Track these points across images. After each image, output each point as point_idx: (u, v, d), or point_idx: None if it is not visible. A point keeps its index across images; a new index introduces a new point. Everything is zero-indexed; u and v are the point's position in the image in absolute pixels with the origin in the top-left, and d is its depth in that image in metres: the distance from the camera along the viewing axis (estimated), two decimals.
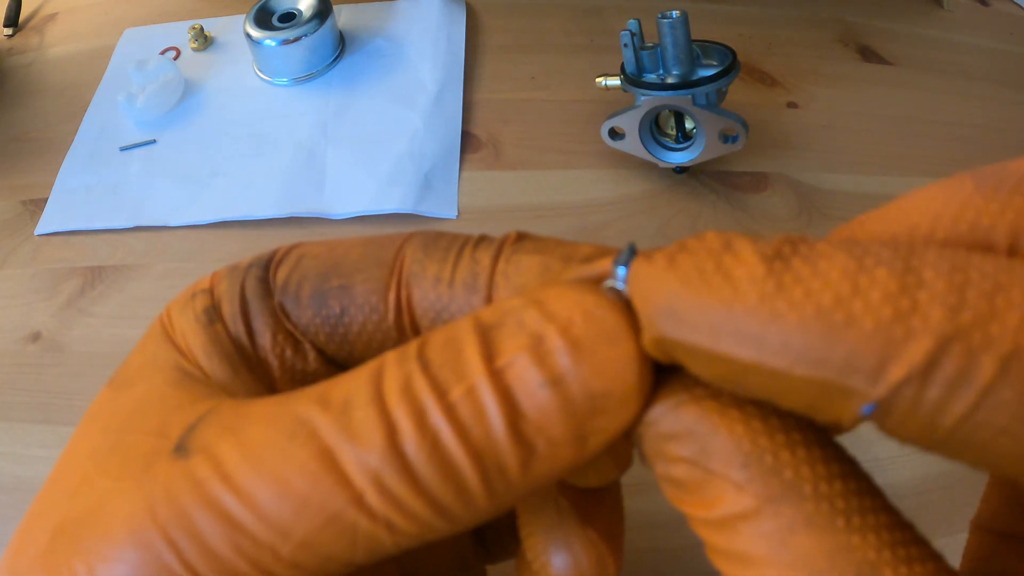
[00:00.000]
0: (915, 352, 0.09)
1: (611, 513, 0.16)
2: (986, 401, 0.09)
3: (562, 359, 0.12)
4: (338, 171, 0.44)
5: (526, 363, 0.12)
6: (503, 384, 0.12)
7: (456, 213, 0.42)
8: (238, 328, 0.16)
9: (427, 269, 0.15)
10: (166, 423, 0.14)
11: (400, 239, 0.16)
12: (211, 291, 0.17)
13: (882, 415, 0.10)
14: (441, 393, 0.12)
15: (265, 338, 0.16)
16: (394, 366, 0.12)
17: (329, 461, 0.12)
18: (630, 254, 0.12)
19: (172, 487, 0.13)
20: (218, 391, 0.15)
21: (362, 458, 0.12)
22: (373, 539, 0.12)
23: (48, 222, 0.43)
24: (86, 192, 0.44)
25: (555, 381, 0.12)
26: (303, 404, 0.13)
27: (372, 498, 0.12)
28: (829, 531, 0.11)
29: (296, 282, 0.16)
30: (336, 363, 0.17)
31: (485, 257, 0.15)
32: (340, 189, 0.43)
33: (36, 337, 0.39)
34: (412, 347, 0.13)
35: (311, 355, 0.16)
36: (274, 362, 0.16)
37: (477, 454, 0.12)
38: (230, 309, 0.16)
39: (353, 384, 0.13)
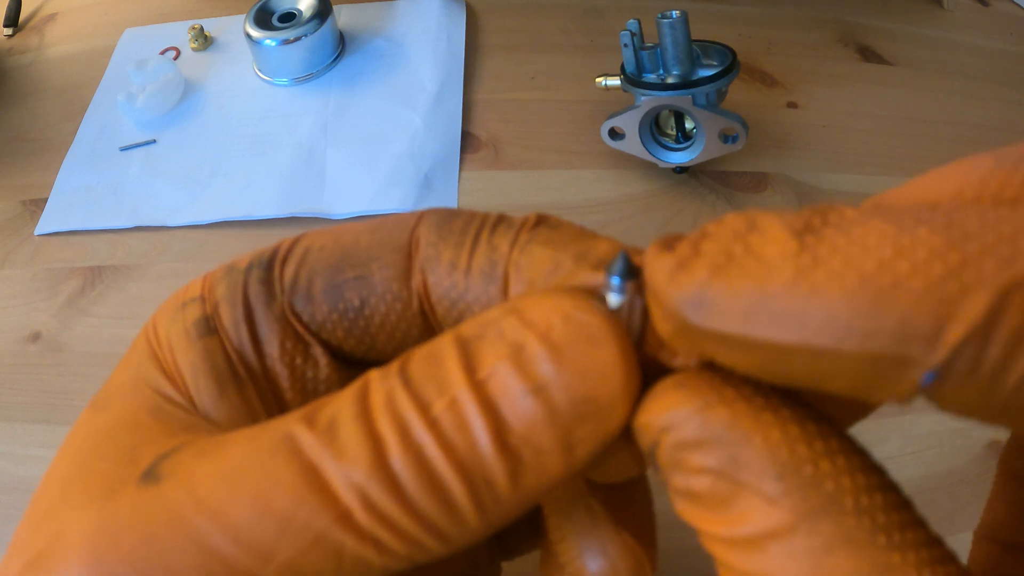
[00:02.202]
0: (973, 308, 0.09)
1: (642, 512, 0.15)
2: None
3: (543, 366, 0.11)
4: (338, 171, 0.44)
5: (507, 372, 0.11)
6: (486, 395, 0.11)
7: None
8: (241, 337, 0.15)
9: (442, 254, 0.14)
10: (137, 451, 0.13)
11: (412, 219, 0.15)
12: (204, 298, 0.15)
13: (939, 383, 0.09)
14: (423, 407, 0.11)
15: (273, 346, 0.15)
16: (378, 383, 0.12)
17: (314, 478, 0.11)
18: (623, 263, 0.12)
19: (139, 513, 0.12)
20: (198, 422, 0.14)
21: (348, 474, 0.11)
22: (360, 561, 0.11)
23: (48, 222, 0.43)
24: (86, 192, 0.44)
25: (538, 389, 0.11)
26: (286, 424, 0.12)
27: (359, 516, 0.11)
28: (869, 549, 0.10)
29: (306, 278, 0.15)
30: (353, 361, 0.16)
31: (503, 243, 0.14)
32: (340, 189, 0.43)
33: (36, 337, 0.39)
34: (395, 364, 0.12)
35: (322, 361, 0.15)
36: (283, 372, 0.15)
37: (463, 467, 0.11)
38: (231, 316, 0.15)
39: (339, 402, 0.12)
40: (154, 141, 0.46)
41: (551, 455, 0.11)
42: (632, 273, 0.12)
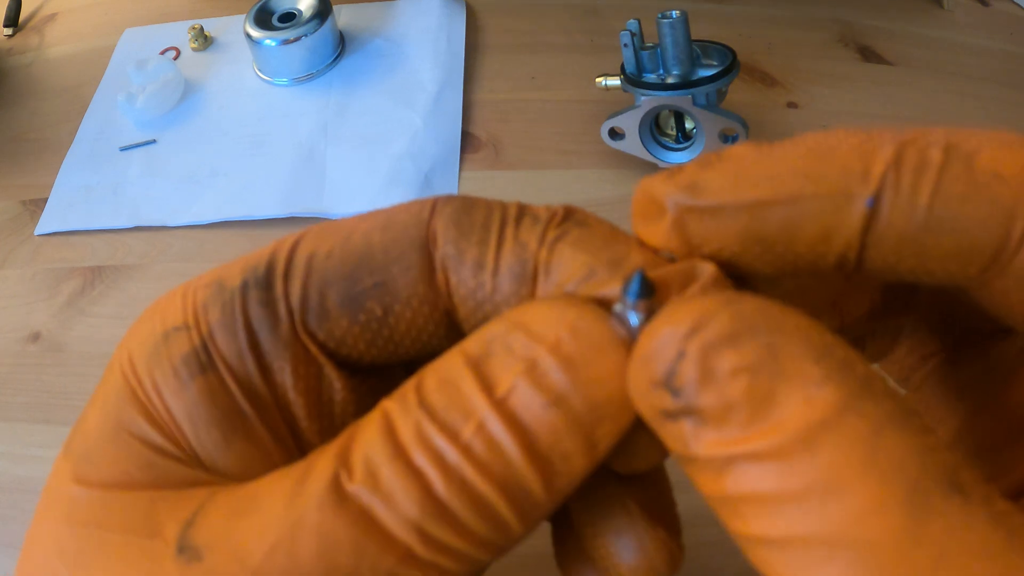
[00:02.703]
0: (885, 153, 0.12)
1: (669, 507, 0.16)
2: (944, 176, 0.12)
3: (559, 378, 0.12)
4: (338, 171, 0.44)
5: (526, 388, 0.12)
6: (509, 413, 0.12)
7: None
8: (247, 369, 0.14)
9: (465, 253, 0.14)
10: (152, 519, 0.12)
11: (425, 211, 0.14)
12: (191, 326, 0.14)
13: (876, 211, 0.12)
14: (454, 435, 0.12)
15: (285, 374, 0.14)
16: (401, 417, 0.12)
17: (370, 524, 0.11)
18: (639, 282, 0.12)
19: None
20: (198, 475, 0.13)
21: (401, 514, 0.11)
22: None
23: (48, 222, 0.43)
24: (86, 192, 0.44)
25: (557, 400, 0.12)
26: (321, 472, 0.12)
27: (419, 550, 0.12)
28: (912, 431, 0.10)
29: (317, 292, 0.14)
30: (364, 368, 0.15)
31: (531, 239, 0.14)
32: (340, 189, 0.43)
33: (36, 337, 0.39)
34: (410, 395, 0.12)
35: (337, 384, 0.15)
36: (299, 400, 0.14)
37: (503, 485, 0.12)
38: (234, 347, 0.14)
39: (368, 442, 0.12)
40: (154, 141, 0.46)
41: (577, 457, 0.12)
42: (648, 292, 0.12)
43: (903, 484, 0.09)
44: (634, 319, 0.12)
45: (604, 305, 0.13)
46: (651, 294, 0.12)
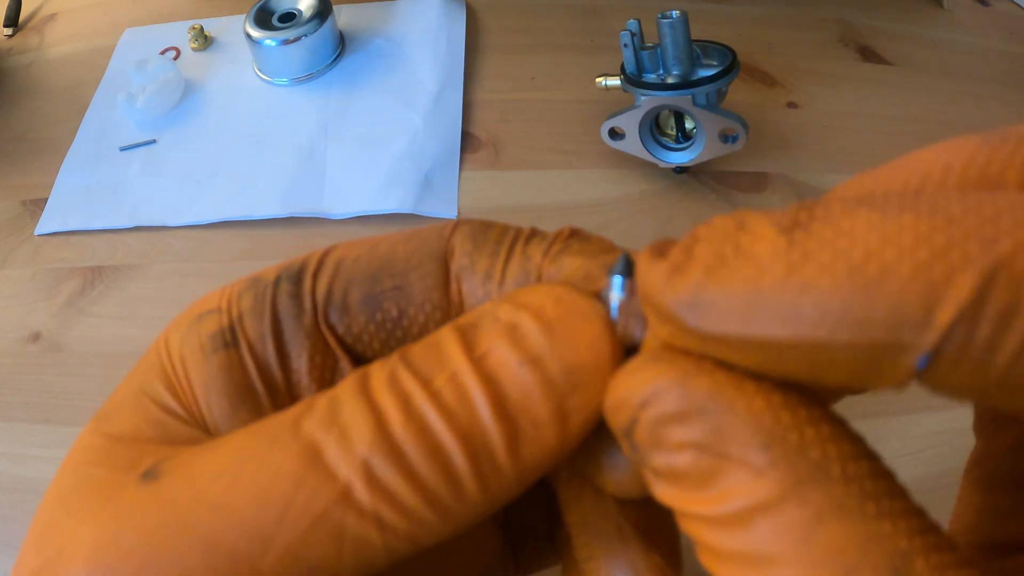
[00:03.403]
0: (961, 289, 0.09)
1: (668, 532, 0.15)
2: None
3: (537, 339, 0.12)
4: (338, 171, 0.44)
5: (504, 347, 0.12)
6: (484, 369, 0.12)
7: (456, 213, 0.42)
8: (267, 351, 0.15)
9: (477, 264, 0.15)
10: (136, 459, 0.13)
11: (447, 228, 0.15)
12: (223, 310, 0.15)
13: (933, 366, 0.09)
14: (425, 382, 0.12)
15: (302, 360, 0.15)
16: (378, 366, 0.13)
17: (314, 457, 0.12)
18: (624, 263, 0.13)
19: (138, 511, 0.12)
20: (201, 436, 0.14)
21: (350, 449, 0.11)
22: (362, 541, 0.12)
23: (48, 222, 0.43)
24: (86, 192, 0.44)
25: (532, 360, 0.12)
26: (287, 412, 0.12)
27: (360, 492, 0.11)
28: (860, 518, 0.10)
29: (342, 289, 0.15)
30: None
31: (537, 254, 0.14)
32: (340, 189, 0.43)
33: (36, 337, 0.39)
34: (394, 354, 0.13)
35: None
36: (311, 387, 0.15)
37: (464, 435, 0.12)
38: (258, 329, 0.15)
39: (339, 388, 0.12)
40: (154, 141, 0.46)
41: (547, 426, 0.12)
42: (631, 272, 0.13)
43: (836, 571, 0.09)
44: (616, 298, 0.12)
45: (593, 293, 0.13)
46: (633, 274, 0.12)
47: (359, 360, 0.15)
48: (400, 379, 0.12)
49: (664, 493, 0.11)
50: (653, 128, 0.41)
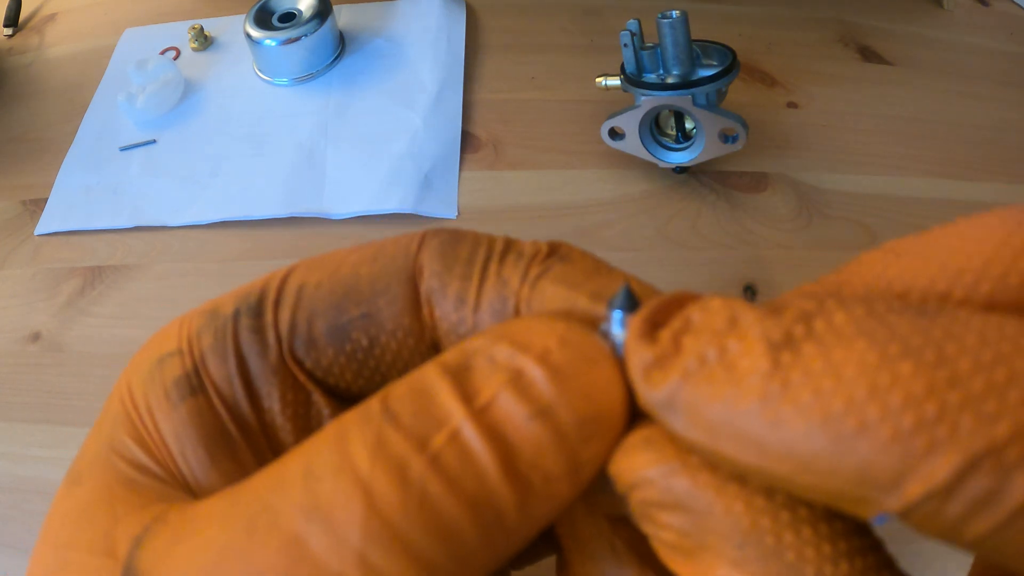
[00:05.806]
0: (938, 469, 0.08)
1: None
2: (1017, 523, 0.08)
3: (546, 389, 0.11)
4: (338, 171, 0.44)
5: (509, 398, 0.11)
6: (488, 423, 0.11)
7: (456, 213, 0.42)
8: (236, 393, 0.14)
9: (448, 287, 0.14)
10: (112, 536, 0.12)
11: (413, 244, 0.14)
12: (184, 352, 0.14)
13: (900, 519, 0.09)
14: (420, 444, 0.10)
15: (273, 400, 0.14)
16: (358, 426, 0.11)
17: (298, 552, 0.10)
18: (625, 297, 0.12)
19: None
20: (174, 493, 0.13)
21: (339, 539, 0.10)
22: None
23: (48, 222, 0.43)
24: (86, 192, 0.44)
25: (542, 412, 0.11)
26: (258, 489, 0.11)
27: None
28: None
29: (306, 320, 0.14)
30: (353, 399, 0.15)
31: (513, 277, 0.13)
32: (340, 189, 0.43)
33: (36, 337, 0.39)
34: (373, 404, 0.11)
35: (326, 411, 0.14)
36: (286, 426, 0.14)
37: (472, 503, 0.10)
38: (223, 371, 0.14)
39: (312, 454, 0.11)
40: (154, 141, 0.46)
41: (560, 480, 0.11)
42: (634, 307, 0.12)
43: None
44: (619, 335, 0.12)
45: (590, 322, 0.12)
46: (637, 309, 0.12)
47: (332, 391, 0.14)
48: (389, 444, 0.11)
49: (657, 549, 0.12)
50: (653, 128, 0.41)
